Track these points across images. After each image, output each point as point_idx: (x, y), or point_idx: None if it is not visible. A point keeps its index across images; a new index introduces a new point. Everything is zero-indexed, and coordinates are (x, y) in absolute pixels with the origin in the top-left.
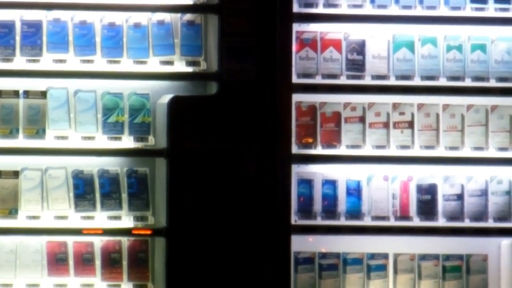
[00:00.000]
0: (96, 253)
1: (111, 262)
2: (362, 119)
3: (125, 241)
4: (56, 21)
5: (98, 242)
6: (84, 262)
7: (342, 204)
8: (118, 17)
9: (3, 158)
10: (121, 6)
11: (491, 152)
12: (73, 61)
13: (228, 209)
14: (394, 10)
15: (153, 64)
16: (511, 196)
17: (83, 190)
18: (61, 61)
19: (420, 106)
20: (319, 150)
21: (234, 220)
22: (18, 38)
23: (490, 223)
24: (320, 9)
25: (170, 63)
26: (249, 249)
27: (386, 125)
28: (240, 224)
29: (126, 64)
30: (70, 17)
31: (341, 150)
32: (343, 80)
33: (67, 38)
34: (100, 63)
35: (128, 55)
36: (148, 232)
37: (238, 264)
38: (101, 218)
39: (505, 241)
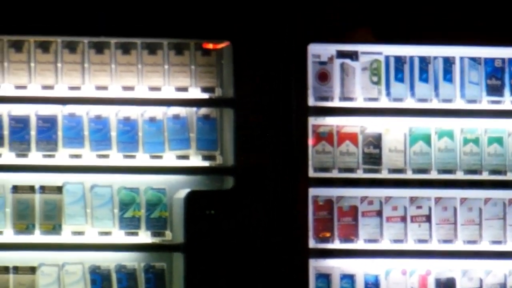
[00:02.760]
0: None
1: None
2: (379, 213)
3: None
4: (71, 116)
5: None
6: None
7: None
8: (133, 111)
9: (20, 254)
10: (136, 100)
11: (510, 246)
12: (89, 156)
13: None
14: (410, 103)
15: (169, 159)
16: None
17: (101, 286)
18: (76, 156)
19: (438, 200)
20: (336, 245)
21: None
22: (33, 133)
23: None
24: (336, 103)
25: (186, 157)
26: None
27: (403, 219)
28: None
29: (142, 159)
30: (85, 112)
31: (359, 245)
32: (359, 174)
33: (82, 133)
34: (116, 157)
35: (144, 150)
36: None
37: None
38: None
39: None
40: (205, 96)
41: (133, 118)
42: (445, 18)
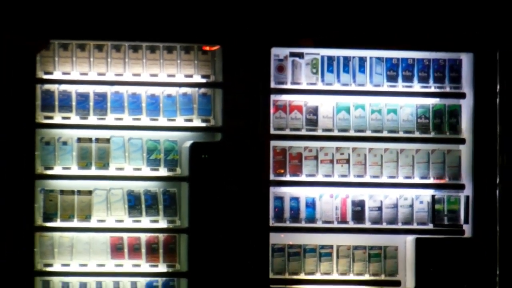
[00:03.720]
0: (142, 244)
1: (152, 250)
2: (316, 157)
3: (161, 236)
4: (116, 93)
5: (144, 237)
6: (135, 250)
7: (303, 213)
8: (157, 90)
9: (82, 182)
10: (159, 83)
11: (400, 179)
12: (127, 119)
13: (229, 215)
14: (337, 86)
15: (180, 121)
16: (412, 208)
17: (134, 203)
18: (119, 119)
19: (354, 149)
20: (287, 178)
21: (232, 223)
22: (91, 103)
23: (399, 226)
24: (288, 86)
25: (190, 120)
26: (243, 241)
27: (331, 161)
28: (236, 225)
29: (162, 121)
30: (125, 90)
31: (302, 178)
32: (303, 132)
33: (123, 104)
34: (145, 120)
35: (163, 115)
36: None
37: (235, 252)
38: (146, 222)
39: (409, 237)
40: (204, 80)
41: (156, 94)
42: (359, 33)
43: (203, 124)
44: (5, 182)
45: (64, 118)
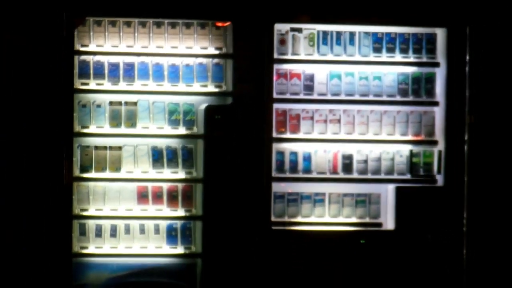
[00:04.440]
0: (164, 192)
1: (172, 197)
2: (312, 118)
3: (180, 185)
4: (142, 63)
5: (165, 186)
6: (157, 197)
7: (300, 165)
8: (177, 60)
9: (113, 139)
10: (179, 54)
11: (383, 136)
12: (152, 85)
13: (237, 167)
14: (330, 57)
15: (196, 87)
16: (394, 161)
17: (157, 157)
18: (145, 85)
19: (344, 110)
20: (288, 135)
21: (240, 173)
22: (121, 72)
23: (382, 176)
24: (289, 56)
25: (205, 86)
26: (250, 189)
27: (325, 121)
28: (244, 175)
29: (181, 87)
30: (150, 60)
31: (300, 135)
32: (301, 96)
33: (148, 72)
34: (167, 86)
35: (182, 82)
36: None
37: (243, 198)
38: (167, 173)
39: (390, 186)
40: (217, 52)
41: (176, 64)
42: (350, 10)
43: (216, 90)
44: (48, 139)
45: (98, 84)
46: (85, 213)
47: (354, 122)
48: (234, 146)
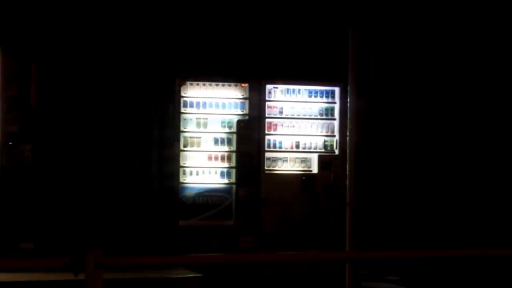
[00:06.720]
0: (219, 156)
1: (222, 158)
2: (282, 125)
3: (226, 154)
4: (209, 100)
5: (219, 154)
6: (215, 159)
7: (278, 145)
8: (224, 100)
9: (197, 134)
10: (224, 97)
11: (314, 133)
12: (214, 110)
13: (254, 144)
14: (290, 98)
15: (232, 111)
16: (317, 144)
17: (216, 142)
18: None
19: (296, 122)
20: (272, 132)
21: (252, 147)
22: (200, 104)
23: (312, 150)
24: (272, 98)
25: (236, 111)
26: (253, 157)
27: (288, 127)
28: (253, 149)
29: (226, 111)
30: (212, 100)
31: (277, 132)
32: (278, 115)
33: (212, 105)
34: (220, 111)
35: (227, 109)
36: None
37: (243, 163)
38: (220, 148)
39: (315, 155)
40: (241, 96)
41: (224, 102)
42: (300, 79)
43: (241, 113)
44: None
45: (189, 110)
46: (185, 165)
47: (300, 127)
48: (249, 135)
